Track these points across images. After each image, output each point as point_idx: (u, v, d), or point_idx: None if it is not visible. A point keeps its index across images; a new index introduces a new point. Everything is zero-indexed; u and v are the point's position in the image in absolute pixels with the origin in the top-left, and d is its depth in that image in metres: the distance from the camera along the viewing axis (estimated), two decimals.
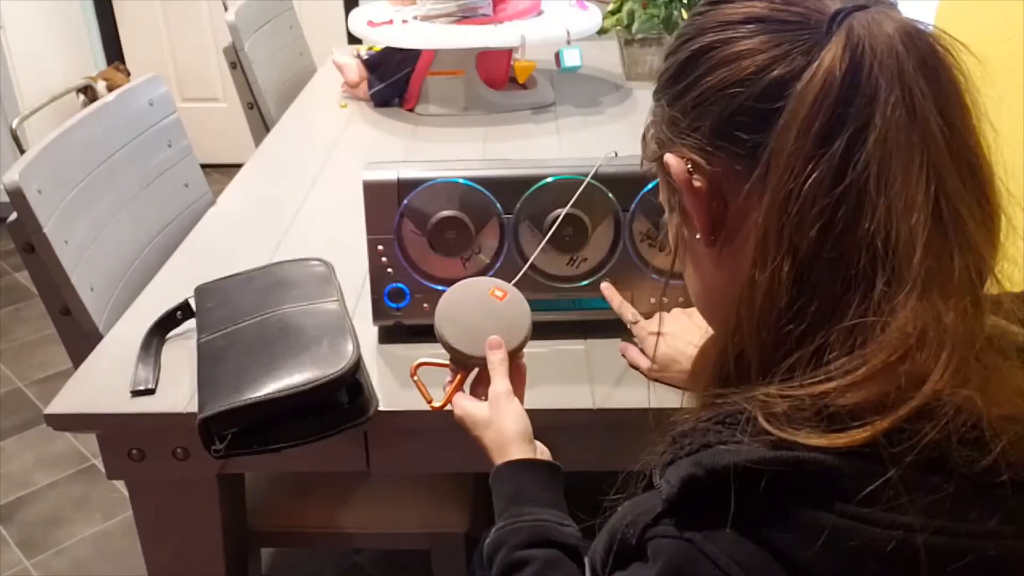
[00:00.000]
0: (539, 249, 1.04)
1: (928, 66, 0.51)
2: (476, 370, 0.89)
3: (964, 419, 0.48)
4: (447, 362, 0.90)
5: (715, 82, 0.56)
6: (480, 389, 0.89)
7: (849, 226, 0.51)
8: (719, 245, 0.60)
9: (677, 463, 0.51)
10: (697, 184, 0.59)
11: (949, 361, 0.48)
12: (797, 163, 0.51)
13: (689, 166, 0.59)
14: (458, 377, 0.89)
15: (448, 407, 0.88)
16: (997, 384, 0.50)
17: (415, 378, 0.89)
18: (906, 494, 0.47)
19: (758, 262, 0.53)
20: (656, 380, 1.00)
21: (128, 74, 3.49)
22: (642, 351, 1.02)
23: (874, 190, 0.50)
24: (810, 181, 0.51)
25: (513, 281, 0.95)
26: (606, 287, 1.06)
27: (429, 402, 0.88)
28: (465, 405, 0.86)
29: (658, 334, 0.99)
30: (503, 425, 0.82)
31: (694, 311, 0.79)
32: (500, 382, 0.85)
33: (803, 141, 0.51)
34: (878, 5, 0.53)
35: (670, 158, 0.60)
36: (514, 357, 0.87)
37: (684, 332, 0.97)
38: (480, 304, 0.89)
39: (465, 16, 1.88)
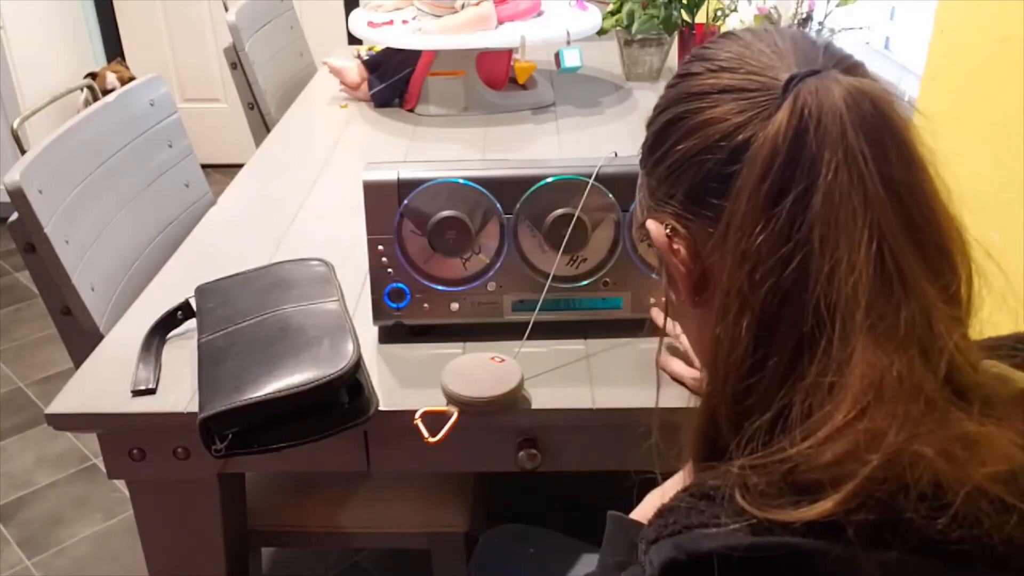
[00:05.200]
0: (555, 264, 1.04)
1: (872, 127, 0.52)
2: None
3: (919, 475, 0.47)
4: (446, 408, 0.97)
5: (686, 149, 0.58)
6: None
7: (797, 286, 0.52)
8: (702, 307, 0.62)
9: (660, 543, 0.51)
10: (677, 248, 0.61)
11: (906, 416, 0.48)
12: (749, 224, 0.53)
13: (668, 230, 0.61)
14: (454, 420, 0.95)
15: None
16: (949, 436, 0.49)
17: (416, 421, 0.95)
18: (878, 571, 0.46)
19: (719, 318, 0.55)
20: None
21: (128, 68, 3.50)
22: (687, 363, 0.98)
23: (819, 251, 0.51)
24: (760, 241, 0.52)
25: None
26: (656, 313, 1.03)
27: (425, 439, 0.94)
28: None
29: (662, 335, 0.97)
30: None
31: None
32: None
33: (754, 202, 0.53)
34: (832, 68, 0.54)
35: (651, 224, 0.62)
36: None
37: None
38: (479, 365, 0.99)
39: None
